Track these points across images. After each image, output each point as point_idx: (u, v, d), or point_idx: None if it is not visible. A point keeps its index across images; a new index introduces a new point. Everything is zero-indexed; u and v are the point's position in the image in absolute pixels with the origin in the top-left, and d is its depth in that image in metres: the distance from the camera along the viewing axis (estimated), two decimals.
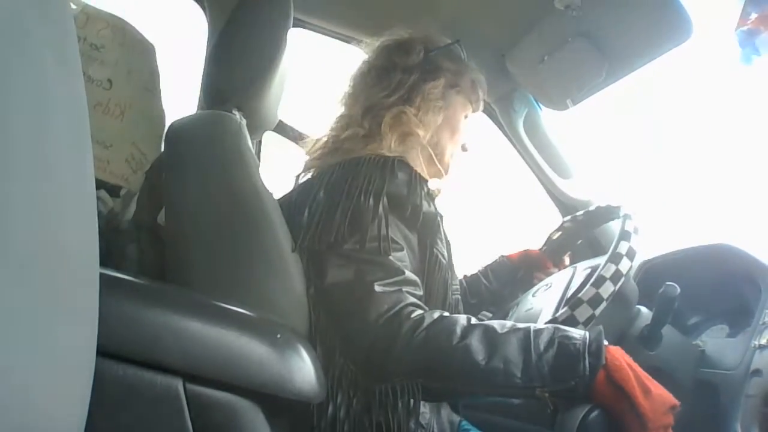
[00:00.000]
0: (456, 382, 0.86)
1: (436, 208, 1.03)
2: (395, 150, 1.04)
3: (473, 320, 0.90)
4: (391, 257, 0.93)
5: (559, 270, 1.42)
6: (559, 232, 1.46)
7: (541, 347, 0.84)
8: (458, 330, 0.87)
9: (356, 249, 0.93)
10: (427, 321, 0.88)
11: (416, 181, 1.00)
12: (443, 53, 1.16)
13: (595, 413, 0.82)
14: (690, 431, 0.97)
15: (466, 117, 1.20)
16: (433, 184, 1.10)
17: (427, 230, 1.00)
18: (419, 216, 0.98)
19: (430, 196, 1.04)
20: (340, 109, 1.17)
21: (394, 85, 1.10)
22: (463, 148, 1.21)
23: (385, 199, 0.95)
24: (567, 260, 1.48)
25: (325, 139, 1.15)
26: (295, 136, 1.38)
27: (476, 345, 0.85)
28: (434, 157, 1.15)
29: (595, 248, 1.54)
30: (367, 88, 1.13)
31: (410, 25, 1.19)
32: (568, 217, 1.45)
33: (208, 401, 0.63)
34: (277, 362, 0.67)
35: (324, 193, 0.98)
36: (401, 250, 0.95)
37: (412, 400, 0.88)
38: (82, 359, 0.52)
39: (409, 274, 0.94)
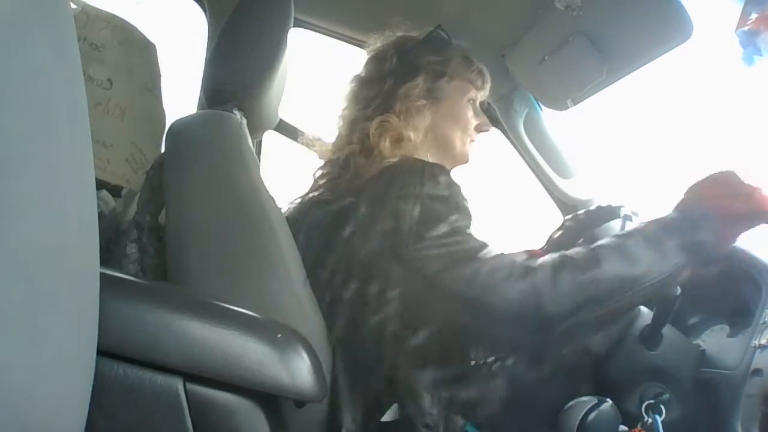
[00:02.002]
0: (612, 302, 0.89)
1: None
2: (394, 155, 1.03)
3: (590, 246, 0.94)
4: (470, 233, 0.95)
5: None
6: (561, 231, 1.46)
7: (664, 237, 0.91)
8: (588, 258, 0.90)
9: (441, 241, 0.93)
10: (553, 263, 0.91)
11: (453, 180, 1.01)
12: (422, 49, 1.14)
13: (595, 413, 0.82)
14: (690, 431, 0.97)
15: (471, 100, 1.17)
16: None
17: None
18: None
19: None
20: (336, 132, 1.17)
21: (370, 97, 1.11)
22: (479, 129, 1.19)
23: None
24: None
25: (332, 156, 1.13)
26: (296, 136, 1.38)
27: (613, 262, 0.89)
28: (444, 152, 1.14)
29: None
30: (349, 106, 1.14)
31: (417, 26, 1.18)
32: (569, 216, 1.45)
33: (208, 401, 0.63)
34: (277, 362, 0.67)
35: (371, 205, 0.97)
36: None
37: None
38: (82, 359, 0.52)
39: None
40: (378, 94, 1.11)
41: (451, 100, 1.15)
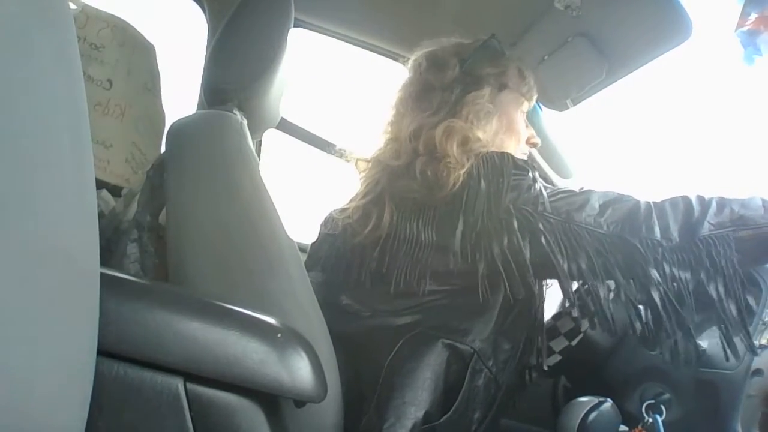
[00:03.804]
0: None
1: None
2: (462, 158, 0.99)
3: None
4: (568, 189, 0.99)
5: None
6: None
7: None
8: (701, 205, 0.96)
9: (552, 212, 0.93)
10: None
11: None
12: (480, 58, 1.11)
13: (595, 413, 0.82)
14: (690, 431, 0.97)
15: (522, 112, 1.16)
16: None
17: None
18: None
19: None
20: (384, 137, 1.12)
21: (437, 104, 1.07)
22: (530, 143, 1.17)
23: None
24: None
25: (394, 163, 1.06)
26: (299, 134, 1.37)
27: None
28: None
29: None
30: (409, 112, 1.09)
31: (418, 26, 1.17)
32: None
33: (208, 401, 0.63)
34: (278, 362, 0.67)
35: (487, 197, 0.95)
36: None
37: None
38: (82, 359, 0.52)
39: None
40: (446, 102, 1.07)
41: (509, 113, 1.13)
